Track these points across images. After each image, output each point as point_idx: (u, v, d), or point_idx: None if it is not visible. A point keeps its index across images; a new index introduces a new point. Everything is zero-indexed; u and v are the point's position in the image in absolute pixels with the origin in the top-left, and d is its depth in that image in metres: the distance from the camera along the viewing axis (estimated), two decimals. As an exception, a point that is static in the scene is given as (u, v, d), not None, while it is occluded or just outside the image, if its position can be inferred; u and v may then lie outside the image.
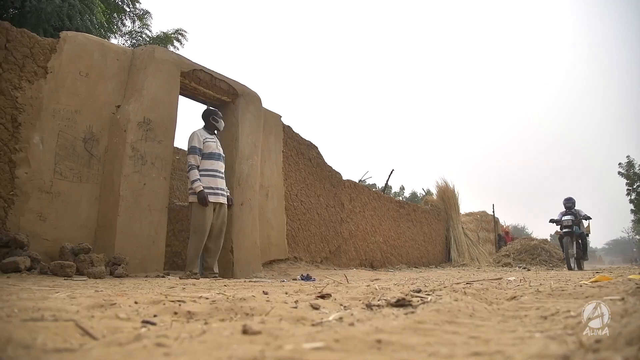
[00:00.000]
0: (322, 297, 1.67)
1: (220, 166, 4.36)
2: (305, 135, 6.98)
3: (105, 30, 8.13)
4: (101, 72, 4.00)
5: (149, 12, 9.94)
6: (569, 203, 8.72)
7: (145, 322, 1.00)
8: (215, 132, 4.53)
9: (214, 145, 4.33)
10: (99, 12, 7.16)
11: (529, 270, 8.24)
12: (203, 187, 4.11)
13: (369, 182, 14.48)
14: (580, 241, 8.33)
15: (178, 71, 4.45)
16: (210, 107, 4.68)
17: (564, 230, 8.28)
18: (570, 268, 7.98)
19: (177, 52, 9.42)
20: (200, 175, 4.17)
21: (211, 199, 4.15)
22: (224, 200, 4.31)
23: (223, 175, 4.38)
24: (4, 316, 0.96)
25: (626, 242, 57.82)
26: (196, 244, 4.09)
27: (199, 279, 3.72)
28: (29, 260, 3.09)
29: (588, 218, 8.49)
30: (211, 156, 4.28)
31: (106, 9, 7.94)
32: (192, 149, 4.23)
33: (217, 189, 4.25)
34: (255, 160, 5.29)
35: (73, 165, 3.72)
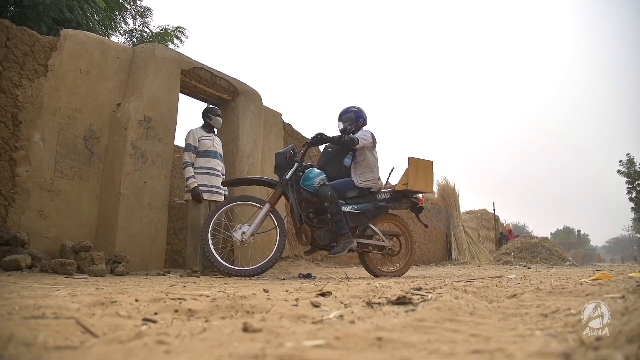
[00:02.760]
0: (323, 295, 1.67)
1: (217, 164, 4.36)
2: (306, 133, 6.98)
3: (106, 27, 8.11)
4: (102, 70, 4.00)
5: (150, 9, 9.91)
6: (345, 121, 4.21)
7: (146, 320, 1.00)
8: (215, 130, 4.54)
9: (210, 143, 4.34)
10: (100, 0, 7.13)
11: (529, 268, 8.25)
12: (197, 184, 4.13)
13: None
14: (314, 200, 3.81)
15: (178, 69, 4.45)
16: (209, 105, 4.70)
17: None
18: (214, 265, 3.40)
19: (178, 49, 9.41)
20: (196, 173, 4.18)
21: (205, 196, 4.16)
22: (219, 198, 4.31)
23: (220, 174, 4.38)
24: (5, 314, 0.96)
25: (627, 240, 57.88)
26: (194, 242, 4.10)
27: (199, 277, 3.73)
28: (30, 258, 3.10)
29: (348, 148, 3.96)
30: (207, 154, 4.29)
31: (107, 6, 7.91)
32: (187, 147, 4.28)
33: (212, 186, 4.26)
34: (255, 158, 5.29)
35: (74, 163, 3.72)
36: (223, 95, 5.07)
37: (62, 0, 6.36)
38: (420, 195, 4.49)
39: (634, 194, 23.03)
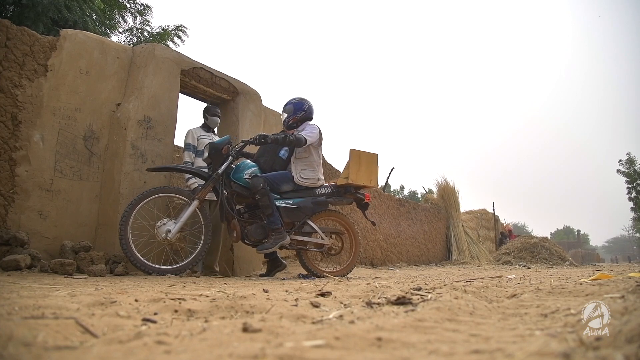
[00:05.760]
0: (323, 295, 1.67)
1: None
2: (306, 133, 6.97)
3: (105, 26, 8.11)
4: (101, 70, 4.00)
5: (150, 7, 9.90)
6: (287, 113, 4.08)
7: (146, 320, 1.00)
8: (214, 130, 4.56)
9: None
10: (99, 0, 7.15)
11: (529, 268, 8.26)
12: (198, 184, 4.13)
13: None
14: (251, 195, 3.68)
15: (178, 69, 4.45)
16: (208, 105, 4.73)
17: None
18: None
19: (178, 49, 9.41)
20: None
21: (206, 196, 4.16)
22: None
23: None
24: (4, 314, 0.96)
25: (626, 240, 57.96)
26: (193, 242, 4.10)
27: (199, 277, 3.73)
28: (30, 258, 3.10)
29: (292, 145, 3.71)
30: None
31: (106, 5, 7.91)
32: (186, 147, 4.31)
33: None
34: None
35: (73, 163, 3.72)
36: (223, 95, 5.07)
37: (61, 0, 6.36)
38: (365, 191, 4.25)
39: (633, 194, 23.06)
